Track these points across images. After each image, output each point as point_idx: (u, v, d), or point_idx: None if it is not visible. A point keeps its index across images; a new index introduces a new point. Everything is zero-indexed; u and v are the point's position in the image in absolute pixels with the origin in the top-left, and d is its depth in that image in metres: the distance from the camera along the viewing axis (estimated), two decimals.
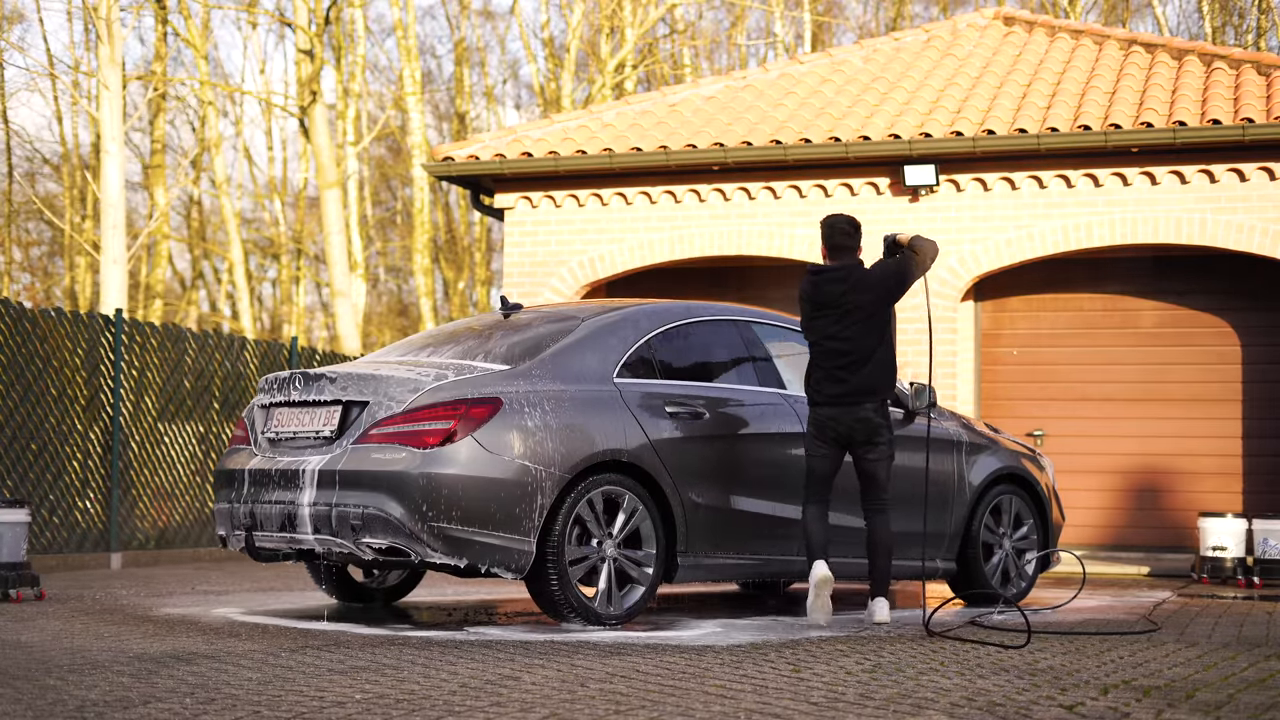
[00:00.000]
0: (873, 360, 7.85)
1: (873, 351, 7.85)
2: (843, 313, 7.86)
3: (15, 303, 12.49)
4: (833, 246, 8.05)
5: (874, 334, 7.87)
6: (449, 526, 7.22)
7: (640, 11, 32.57)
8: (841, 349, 7.86)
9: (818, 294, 7.96)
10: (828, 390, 7.87)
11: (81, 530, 12.86)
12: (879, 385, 7.88)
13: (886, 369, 7.90)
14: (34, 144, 34.03)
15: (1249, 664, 6.34)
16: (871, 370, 7.85)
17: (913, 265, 7.98)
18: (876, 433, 7.85)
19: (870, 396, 7.84)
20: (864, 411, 7.82)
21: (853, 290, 7.87)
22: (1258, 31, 30.29)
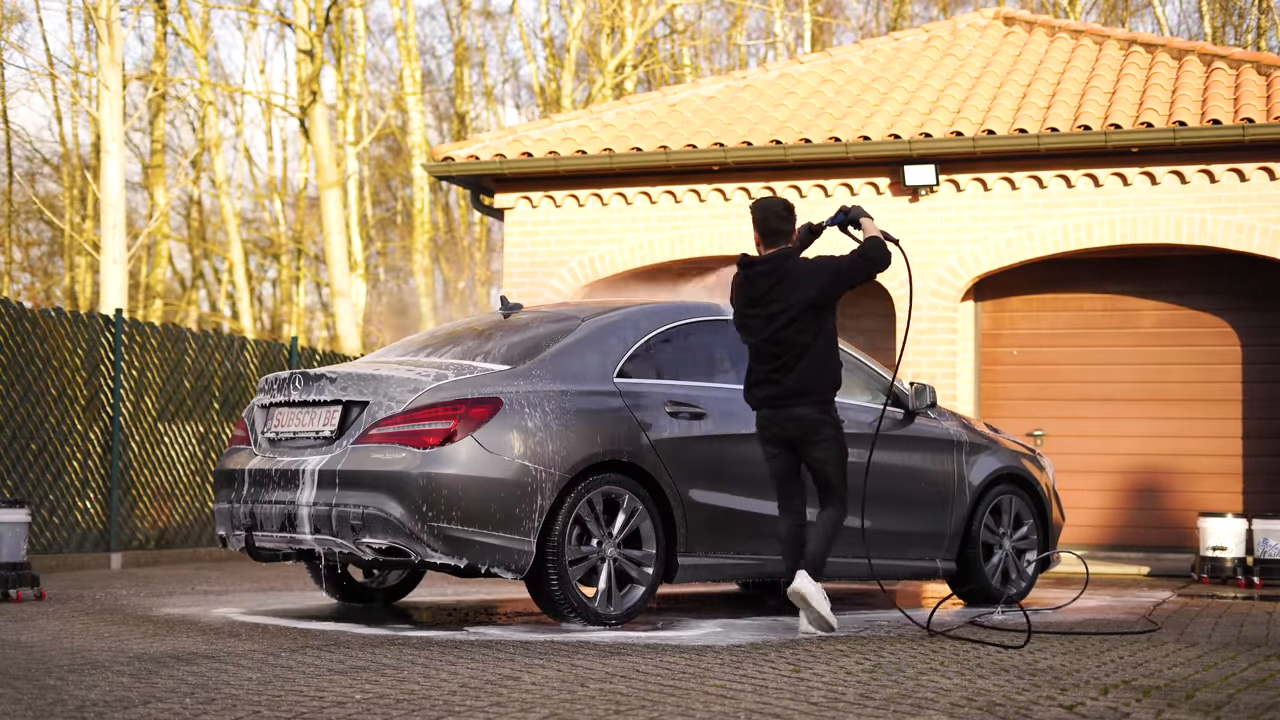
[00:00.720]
0: (805, 360, 7.33)
1: (805, 351, 7.33)
2: (774, 310, 7.35)
3: (15, 303, 12.49)
4: (766, 233, 7.50)
5: (807, 332, 7.34)
6: (449, 526, 7.22)
7: (640, 11, 32.57)
8: (773, 350, 7.38)
9: (749, 288, 7.45)
10: (759, 393, 7.45)
11: (81, 530, 12.86)
12: (813, 386, 7.35)
13: (823, 369, 7.36)
14: (34, 144, 34.06)
15: (1249, 664, 6.34)
16: (804, 371, 7.33)
17: (859, 267, 7.42)
18: (815, 430, 7.35)
19: (802, 399, 7.34)
20: (798, 410, 7.35)
21: (783, 284, 7.35)
22: (1258, 31, 30.30)
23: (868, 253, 7.44)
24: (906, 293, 14.02)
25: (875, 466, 8.91)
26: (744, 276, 7.50)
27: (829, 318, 7.42)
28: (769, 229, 7.49)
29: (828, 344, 7.41)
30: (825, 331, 7.41)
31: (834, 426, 7.41)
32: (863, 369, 9.29)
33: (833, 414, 7.43)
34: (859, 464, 8.48)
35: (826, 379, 7.39)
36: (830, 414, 7.41)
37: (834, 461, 7.41)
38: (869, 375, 9.31)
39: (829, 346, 7.41)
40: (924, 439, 9.24)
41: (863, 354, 9.44)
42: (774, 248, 7.47)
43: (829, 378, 7.40)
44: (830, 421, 7.39)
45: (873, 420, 9.04)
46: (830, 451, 7.40)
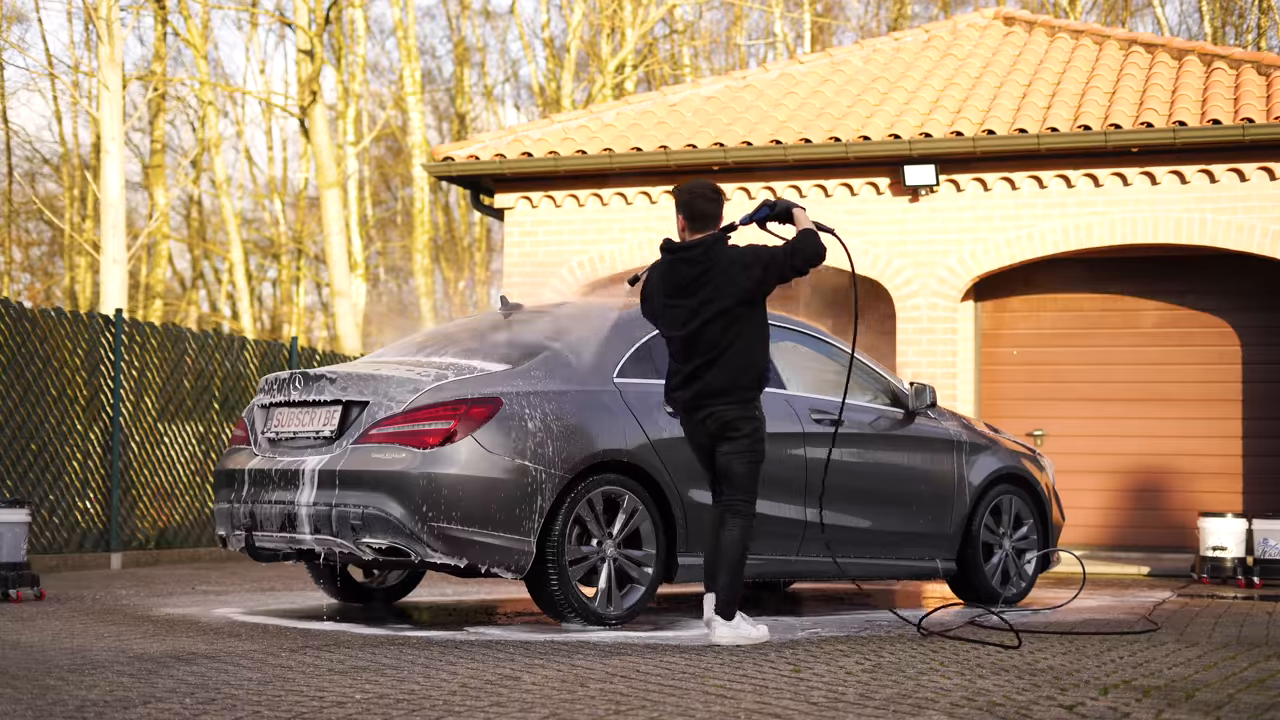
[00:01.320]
0: (730, 356, 6.87)
1: (730, 346, 6.86)
2: (700, 301, 6.87)
3: (15, 303, 12.48)
4: (692, 217, 6.96)
5: (735, 326, 6.85)
6: (449, 526, 7.23)
7: (640, 11, 32.57)
8: (696, 345, 6.91)
9: (673, 276, 6.97)
10: (681, 394, 6.99)
11: (81, 530, 12.86)
12: (737, 384, 6.88)
13: (748, 366, 6.89)
14: (34, 144, 34.07)
15: (1249, 664, 6.34)
16: (728, 368, 6.88)
17: (793, 260, 6.87)
18: (732, 426, 6.89)
19: (724, 396, 6.88)
20: (719, 408, 6.89)
21: (710, 274, 6.86)
22: (1258, 31, 30.29)
23: (801, 245, 6.88)
24: (909, 292, 14.07)
25: (875, 466, 8.94)
26: (667, 264, 7.01)
27: (759, 312, 6.97)
28: (696, 212, 6.95)
29: (756, 340, 6.93)
30: (754, 326, 6.93)
31: (754, 424, 6.92)
32: (863, 369, 9.29)
33: (755, 413, 6.94)
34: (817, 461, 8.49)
35: (751, 377, 6.91)
36: (752, 412, 6.93)
37: (744, 460, 6.91)
38: (869, 375, 9.31)
39: (757, 342, 6.94)
40: (924, 439, 9.24)
41: (863, 354, 9.44)
42: (700, 233, 6.95)
43: (755, 376, 6.93)
44: (750, 419, 6.91)
45: (873, 420, 9.05)
46: (743, 447, 6.90)
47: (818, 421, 8.66)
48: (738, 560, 6.89)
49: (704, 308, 6.84)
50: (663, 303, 7.03)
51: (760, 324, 6.98)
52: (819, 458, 8.59)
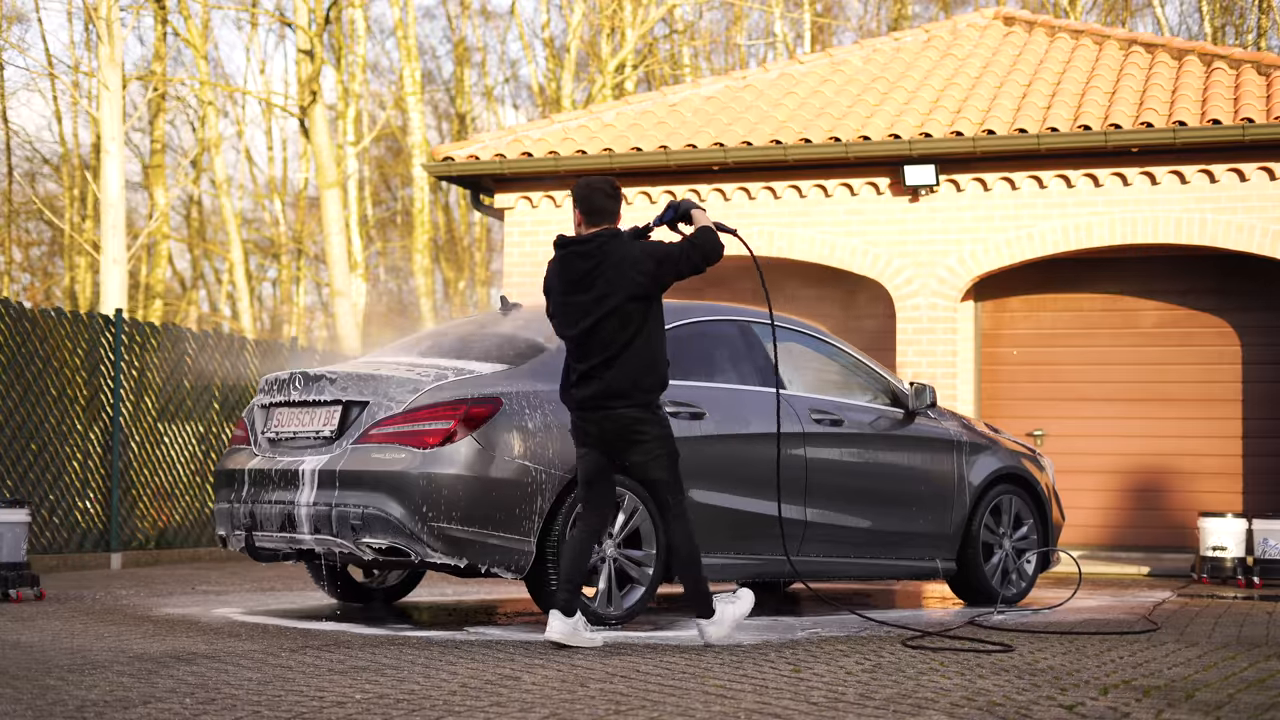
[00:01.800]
0: (628, 355, 6.67)
1: (628, 345, 6.67)
2: (594, 298, 6.69)
3: (15, 303, 12.48)
4: (588, 211, 6.79)
5: (631, 324, 6.66)
6: (449, 526, 7.23)
7: (640, 12, 32.57)
8: (592, 343, 6.71)
9: (566, 271, 6.81)
10: (577, 393, 6.78)
11: (81, 530, 12.86)
12: (638, 385, 6.69)
13: (649, 366, 6.71)
14: (34, 144, 34.05)
15: (1249, 664, 6.34)
16: (627, 367, 6.66)
17: (689, 256, 6.70)
18: (635, 430, 6.70)
19: (624, 398, 6.68)
20: (619, 411, 6.69)
21: (603, 269, 6.68)
22: (1258, 31, 30.29)
23: (700, 241, 6.72)
24: (909, 292, 14.07)
25: (875, 466, 8.94)
26: (561, 259, 6.85)
27: (656, 309, 6.77)
28: (592, 207, 6.79)
29: (654, 338, 6.74)
30: (651, 324, 6.74)
31: (659, 426, 6.76)
32: (863, 369, 9.30)
33: (658, 414, 6.78)
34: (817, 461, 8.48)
35: (652, 377, 6.73)
36: (655, 414, 6.75)
37: (660, 464, 6.74)
38: (869, 375, 9.31)
39: (655, 341, 6.75)
40: (924, 439, 9.24)
41: (863, 354, 9.44)
42: (595, 228, 6.79)
43: (655, 376, 6.74)
44: (655, 421, 6.74)
45: (873, 420, 9.05)
46: (654, 453, 6.73)
47: (817, 421, 8.66)
48: (693, 559, 6.80)
49: (597, 305, 6.68)
50: (560, 300, 6.86)
51: (659, 323, 6.80)
52: (819, 458, 8.60)
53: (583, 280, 6.73)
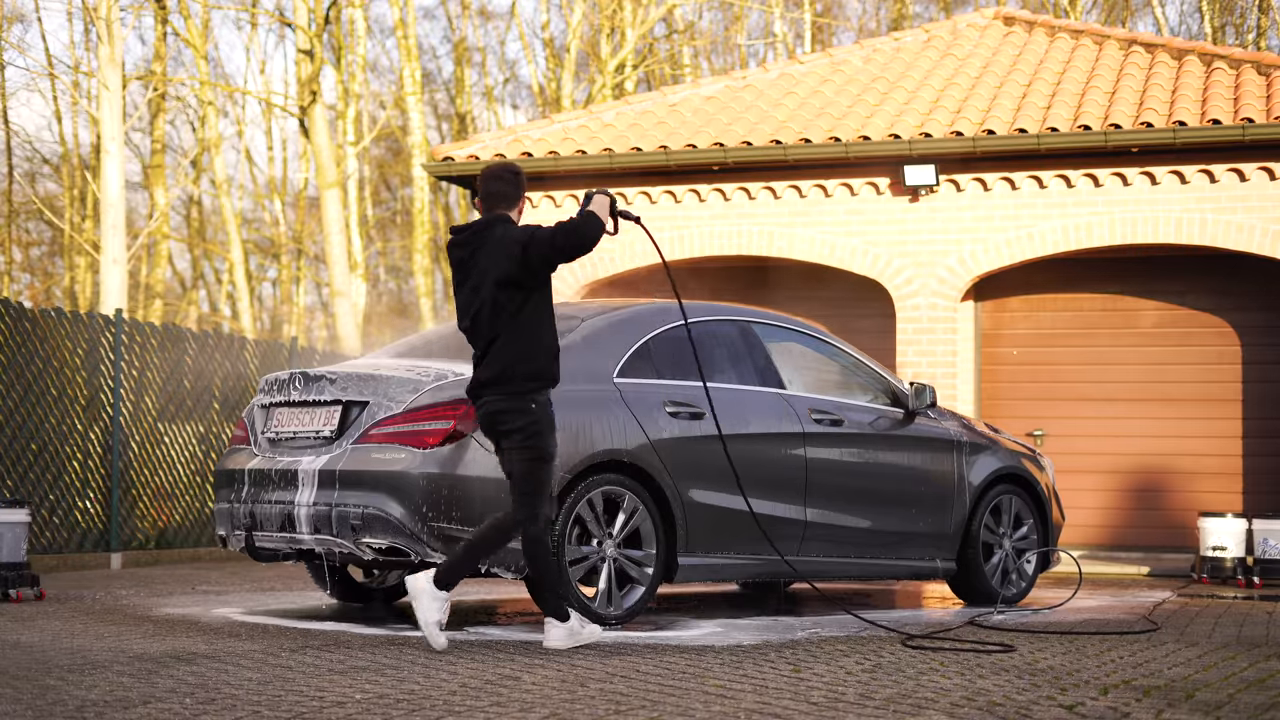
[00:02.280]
0: (501, 345, 6.50)
1: (499, 333, 6.50)
2: (473, 285, 6.57)
3: (15, 303, 12.48)
4: (484, 197, 6.66)
5: (504, 312, 6.49)
6: (449, 526, 7.23)
7: (640, 12, 32.57)
8: (473, 333, 6.60)
9: (450, 260, 6.67)
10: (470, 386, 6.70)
11: (81, 530, 12.86)
12: (509, 375, 6.47)
13: (523, 356, 6.49)
14: (34, 144, 34.05)
15: (1249, 664, 6.34)
16: (500, 357, 6.49)
17: (557, 239, 6.44)
18: (501, 420, 6.53)
19: (496, 388, 6.50)
20: (493, 401, 6.53)
21: (478, 256, 6.54)
22: (1258, 31, 30.30)
23: (569, 227, 6.46)
24: (909, 292, 14.07)
25: (875, 466, 8.94)
26: (448, 247, 6.69)
27: (533, 297, 6.52)
28: (486, 192, 6.64)
29: (533, 327, 6.52)
30: (529, 312, 6.52)
31: (527, 419, 6.48)
32: (863, 369, 9.30)
33: (529, 406, 6.50)
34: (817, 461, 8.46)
35: (526, 367, 6.48)
36: (525, 406, 6.49)
37: (521, 459, 6.50)
38: (869, 375, 9.31)
39: (533, 329, 6.52)
40: (924, 439, 9.24)
41: (863, 354, 9.44)
42: (487, 215, 6.65)
43: (530, 367, 6.49)
44: (522, 412, 6.48)
45: (873, 420, 9.05)
46: (517, 445, 6.49)
47: (817, 421, 8.66)
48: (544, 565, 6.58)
49: (474, 294, 6.54)
50: (455, 287, 6.70)
51: (539, 310, 6.55)
52: (819, 458, 8.60)
53: (461, 269, 6.60)
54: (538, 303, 6.55)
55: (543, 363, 6.53)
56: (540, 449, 6.51)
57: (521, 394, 6.50)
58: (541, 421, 6.52)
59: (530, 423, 6.50)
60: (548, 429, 6.54)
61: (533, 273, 6.48)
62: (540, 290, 6.56)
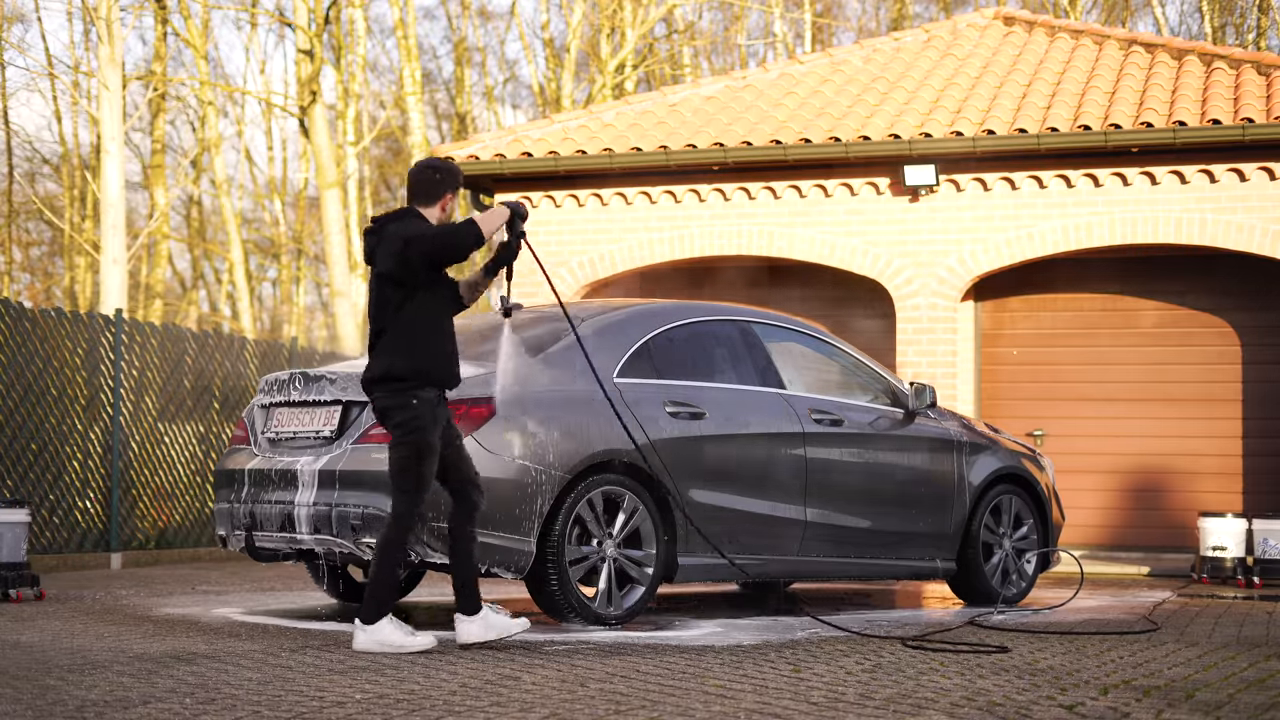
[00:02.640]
0: (385, 340, 6.51)
1: (384, 328, 6.51)
2: (372, 277, 6.59)
3: (15, 303, 12.48)
4: (407, 189, 6.65)
5: (386, 308, 6.48)
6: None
7: (640, 12, 32.57)
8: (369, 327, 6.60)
9: (364, 249, 6.67)
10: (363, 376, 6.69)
11: (81, 530, 12.86)
12: (390, 373, 6.47)
13: (404, 353, 6.46)
14: (34, 144, 34.04)
15: (1249, 664, 6.34)
16: (383, 353, 6.51)
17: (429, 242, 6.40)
18: (385, 416, 6.52)
19: (379, 385, 6.52)
20: (377, 398, 6.54)
21: (377, 251, 6.53)
22: (1258, 31, 30.29)
23: (449, 228, 6.45)
24: (909, 292, 14.07)
25: (875, 466, 8.94)
26: (363, 236, 6.73)
27: (418, 295, 6.48)
28: (410, 184, 6.65)
29: (414, 325, 6.48)
30: (411, 310, 6.48)
31: (405, 414, 6.44)
32: (863, 369, 9.30)
33: (413, 402, 6.45)
34: (817, 461, 8.45)
35: (405, 363, 6.45)
36: (408, 402, 6.45)
37: (402, 457, 6.46)
38: (869, 375, 9.31)
39: (416, 328, 6.48)
40: (924, 439, 9.24)
41: (863, 354, 9.45)
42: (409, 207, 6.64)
43: (410, 365, 6.45)
44: (407, 408, 6.45)
45: (873, 420, 9.05)
46: (400, 444, 6.46)
47: (818, 421, 8.66)
48: (381, 566, 6.46)
49: (370, 287, 6.60)
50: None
51: (422, 308, 6.50)
52: (819, 458, 8.60)
53: (368, 260, 6.62)
54: (424, 301, 6.51)
55: (424, 363, 6.48)
56: (418, 443, 6.46)
57: (401, 392, 6.48)
58: (422, 417, 6.47)
59: (410, 417, 6.46)
60: (429, 424, 6.48)
61: (413, 271, 6.44)
62: (428, 290, 6.52)
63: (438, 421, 6.53)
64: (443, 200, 6.68)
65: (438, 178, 6.66)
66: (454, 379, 6.64)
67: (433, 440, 6.50)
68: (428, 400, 6.50)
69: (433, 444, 6.50)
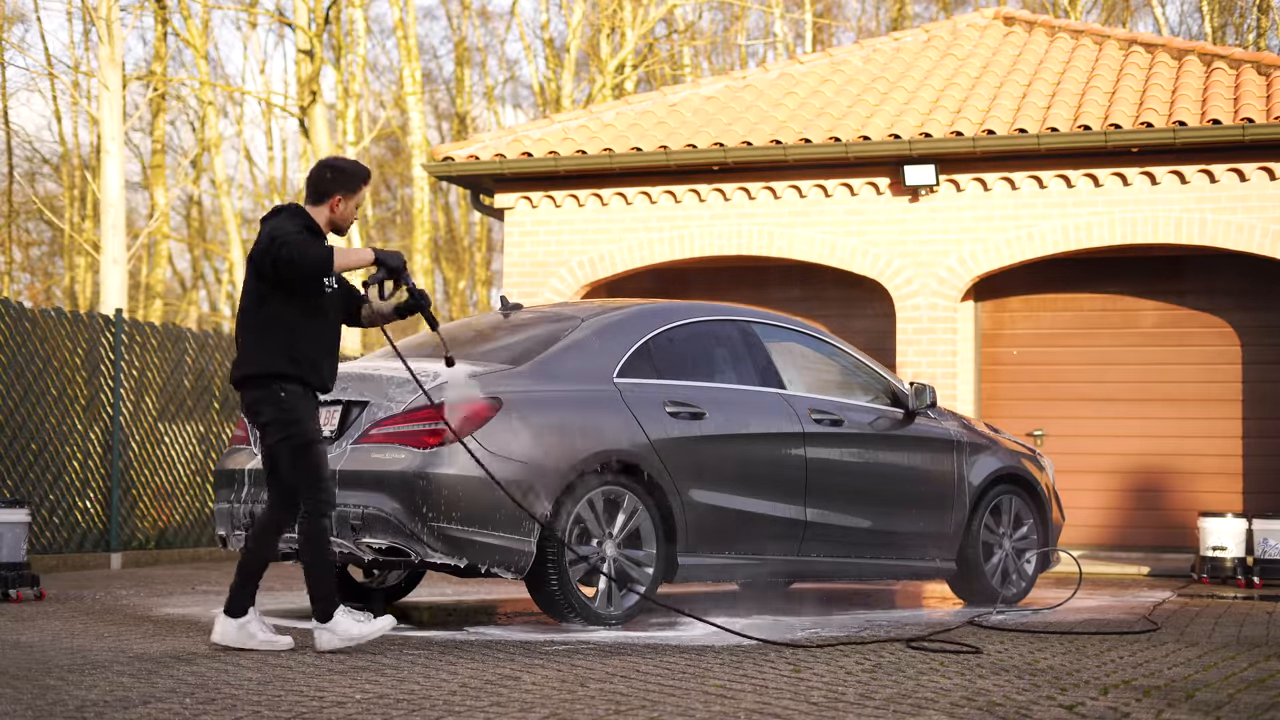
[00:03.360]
0: (248, 336, 6.51)
1: (248, 324, 6.52)
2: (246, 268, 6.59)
3: (15, 303, 12.48)
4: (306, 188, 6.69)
5: (249, 301, 6.51)
6: (449, 526, 7.22)
7: (640, 12, 32.57)
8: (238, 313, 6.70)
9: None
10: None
11: (81, 530, 12.86)
12: (253, 369, 6.47)
13: (264, 350, 6.46)
14: (34, 144, 34.05)
15: (1249, 664, 6.34)
16: (248, 349, 6.51)
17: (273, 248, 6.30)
18: (254, 412, 6.54)
19: (245, 379, 6.53)
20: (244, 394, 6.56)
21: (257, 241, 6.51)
22: (1258, 31, 30.29)
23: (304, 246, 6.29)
24: (909, 292, 14.07)
25: (875, 466, 8.94)
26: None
27: (278, 294, 6.44)
28: (308, 183, 6.62)
29: (273, 324, 6.46)
30: (271, 308, 6.46)
31: (284, 409, 6.45)
32: (863, 369, 9.30)
33: (281, 395, 6.44)
34: (817, 461, 8.45)
35: (267, 365, 6.44)
36: (276, 396, 6.45)
37: (280, 451, 6.51)
38: (869, 375, 9.31)
39: (274, 328, 6.45)
40: (924, 439, 9.24)
41: (863, 354, 9.44)
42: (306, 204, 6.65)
43: (270, 366, 6.44)
44: (276, 403, 6.45)
45: (873, 420, 9.05)
46: (274, 438, 6.50)
47: (818, 421, 8.66)
48: (316, 558, 6.51)
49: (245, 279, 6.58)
50: None
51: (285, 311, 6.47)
52: (819, 458, 8.60)
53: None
54: (284, 301, 6.45)
55: (282, 364, 6.45)
56: (299, 435, 6.47)
57: (266, 387, 6.47)
58: (295, 409, 6.47)
59: (282, 411, 6.47)
60: (305, 415, 6.49)
61: (265, 271, 6.40)
62: (285, 291, 6.45)
63: (310, 414, 6.52)
64: (332, 201, 6.56)
65: (329, 176, 6.55)
66: (321, 384, 6.59)
67: (310, 428, 6.49)
68: (295, 393, 6.48)
69: (311, 432, 6.49)
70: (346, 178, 6.57)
